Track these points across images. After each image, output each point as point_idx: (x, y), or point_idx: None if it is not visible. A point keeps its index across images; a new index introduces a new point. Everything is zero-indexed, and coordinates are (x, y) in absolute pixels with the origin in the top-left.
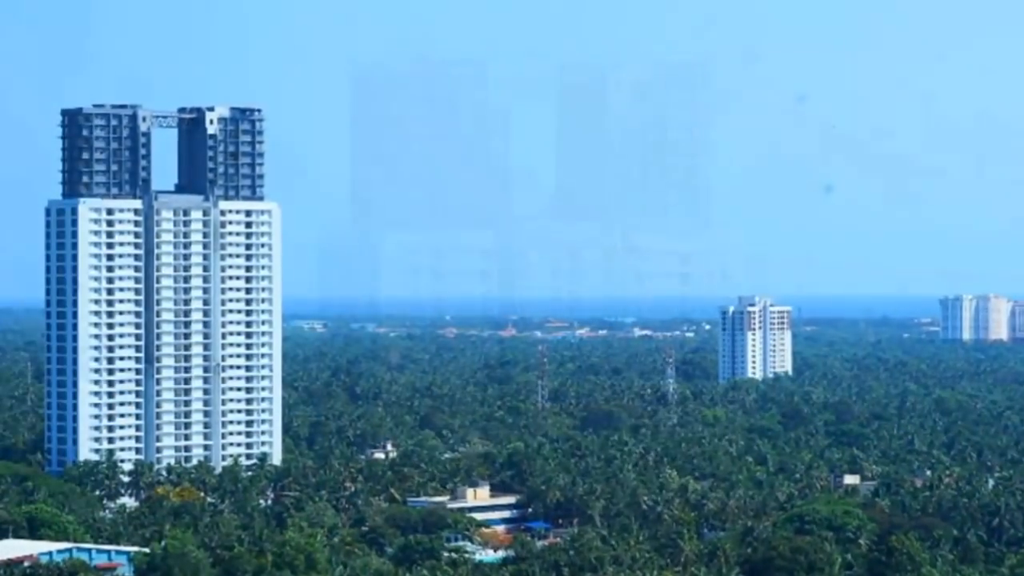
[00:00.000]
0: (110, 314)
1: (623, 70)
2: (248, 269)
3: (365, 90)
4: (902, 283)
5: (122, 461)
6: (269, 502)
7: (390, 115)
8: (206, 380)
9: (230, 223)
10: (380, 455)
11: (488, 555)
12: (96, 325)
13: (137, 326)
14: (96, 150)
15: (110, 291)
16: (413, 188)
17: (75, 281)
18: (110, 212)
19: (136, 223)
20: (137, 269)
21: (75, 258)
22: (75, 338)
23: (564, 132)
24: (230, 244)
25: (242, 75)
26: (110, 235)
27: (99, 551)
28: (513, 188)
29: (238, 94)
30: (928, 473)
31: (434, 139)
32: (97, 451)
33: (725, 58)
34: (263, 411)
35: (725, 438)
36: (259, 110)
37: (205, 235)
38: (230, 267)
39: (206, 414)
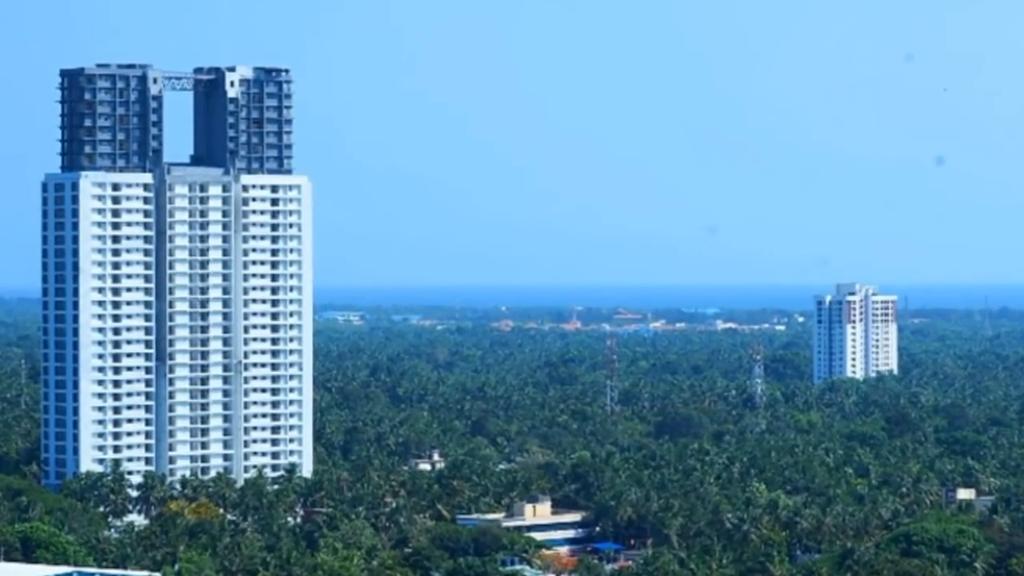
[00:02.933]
0: (116, 304)
1: (704, 45)
2: (274, 253)
3: (408, 54)
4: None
5: (130, 473)
6: (298, 520)
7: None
8: (226, 380)
9: (253, 200)
10: (425, 466)
11: None
12: (100, 317)
13: (147, 318)
14: (100, 116)
15: (116, 278)
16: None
17: (76, 267)
18: (116, 187)
19: (146, 200)
20: (147, 253)
21: (76, 240)
22: (76, 332)
23: (639, 104)
24: (253, 224)
25: (267, 31)
26: (116, 214)
27: None
28: (579, 163)
29: (262, 53)
30: None
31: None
32: (101, 461)
33: (826, 15)
34: (291, 416)
35: (821, 446)
36: (286, 70)
37: (225, 214)
38: (254, 250)
39: (226, 419)
